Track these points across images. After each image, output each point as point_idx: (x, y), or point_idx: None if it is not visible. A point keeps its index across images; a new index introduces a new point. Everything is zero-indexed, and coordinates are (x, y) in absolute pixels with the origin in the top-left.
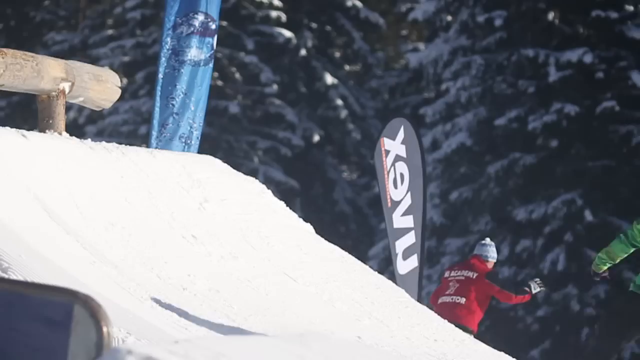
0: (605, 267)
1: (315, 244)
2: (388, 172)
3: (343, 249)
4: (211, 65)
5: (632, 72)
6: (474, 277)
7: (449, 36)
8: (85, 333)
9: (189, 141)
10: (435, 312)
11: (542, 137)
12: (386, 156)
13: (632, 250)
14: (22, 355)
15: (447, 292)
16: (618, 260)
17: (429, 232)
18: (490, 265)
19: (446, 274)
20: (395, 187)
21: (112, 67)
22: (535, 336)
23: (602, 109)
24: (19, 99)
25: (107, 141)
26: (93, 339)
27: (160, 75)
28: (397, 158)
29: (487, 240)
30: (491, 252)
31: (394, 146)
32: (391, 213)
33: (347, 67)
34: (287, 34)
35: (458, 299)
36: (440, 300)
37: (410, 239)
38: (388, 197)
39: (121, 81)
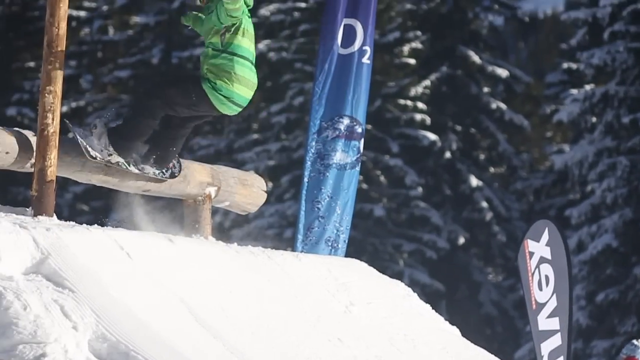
0: None
1: (462, 347)
2: (532, 274)
3: (489, 352)
4: (358, 168)
5: None
6: None
7: (594, 137)
8: None
9: (335, 244)
10: None
11: None
12: (530, 258)
13: None
14: None
15: None
16: None
17: (575, 334)
18: None
19: None
20: (540, 289)
21: (257, 171)
22: None
23: None
24: (164, 203)
25: (253, 245)
26: None
27: (306, 179)
28: (542, 260)
29: (637, 341)
30: None
31: (539, 248)
32: (536, 315)
33: (491, 169)
34: (432, 136)
35: None
36: None
37: (556, 341)
38: (533, 299)
39: (267, 185)
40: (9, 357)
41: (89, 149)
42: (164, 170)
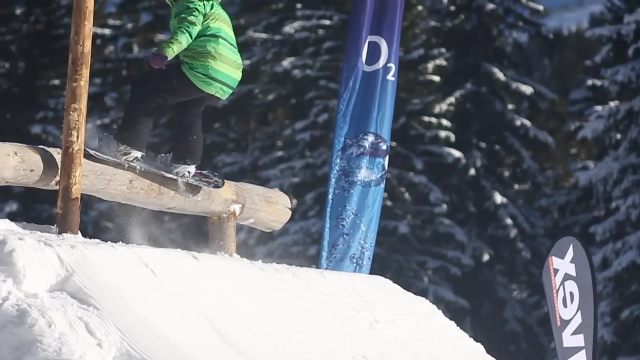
0: None
1: None
2: (557, 291)
3: None
4: (382, 185)
5: None
6: None
7: (618, 154)
8: None
9: (360, 262)
10: None
11: None
12: (555, 275)
13: None
14: None
15: None
16: None
17: (600, 351)
18: None
19: None
20: (565, 305)
21: (281, 189)
22: None
23: None
24: (189, 221)
25: (278, 262)
26: None
27: (330, 196)
28: (567, 277)
29: None
30: None
31: (563, 265)
32: (561, 332)
33: (516, 186)
34: (456, 153)
35: None
36: None
37: (581, 358)
38: (557, 315)
39: (291, 202)
40: None
41: (105, 155)
42: (210, 178)
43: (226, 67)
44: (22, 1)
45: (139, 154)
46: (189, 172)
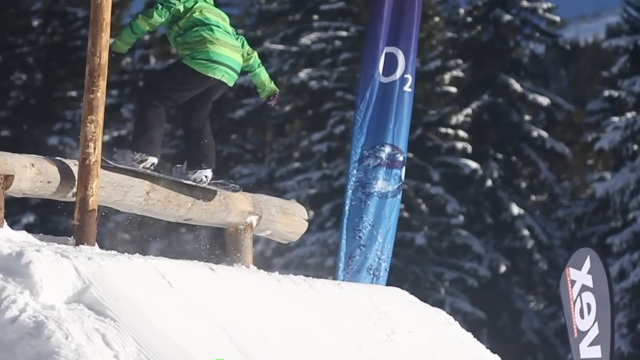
0: None
1: None
2: (574, 302)
3: None
4: (399, 197)
5: None
6: None
7: (635, 165)
8: None
9: (377, 273)
10: None
11: None
12: (572, 286)
13: None
14: None
15: None
16: None
17: None
18: None
19: None
20: (582, 317)
21: (298, 200)
22: None
23: None
24: (206, 232)
25: (294, 274)
26: None
27: (347, 207)
28: (584, 288)
29: None
30: None
31: (580, 276)
32: (578, 343)
33: (533, 197)
34: (473, 165)
35: None
36: None
37: None
38: (574, 327)
39: (308, 213)
40: None
41: (122, 165)
42: (227, 185)
43: (227, 50)
44: (39, 13)
45: (154, 159)
46: (206, 177)
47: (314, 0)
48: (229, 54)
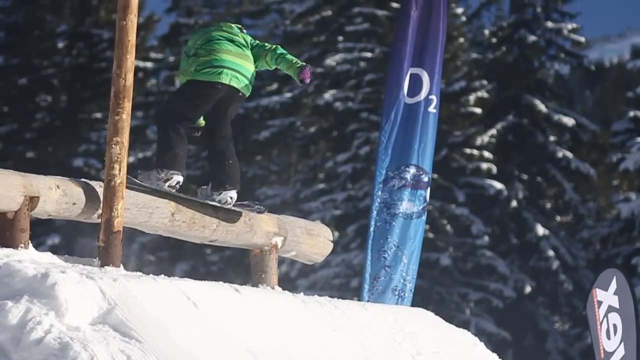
0: None
1: None
2: (601, 323)
3: None
4: (424, 217)
5: None
6: None
7: None
8: None
9: (402, 294)
10: None
11: None
12: (599, 307)
13: None
14: None
15: None
16: None
17: None
18: None
19: None
20: (608, 337)
21: (323, 221)
22: None
23: None
24: (231, 253)
25: (319, 294)
26: None
27: (372, 228)
28: (610, 309)
29: None
30: None
31: (607, 297)
32: None
33: (558, 218)
34: (498, 185)
35: None
36: None
37: None
38: (601, 348)
39: (333, 234)
40: None
41: (148, 185)
42: (252, 207)
43: (232, 57)
44: (64, 35)
45: (180, 177)
46: (231, 198)
47: (338, 22)
48: (235, 60)
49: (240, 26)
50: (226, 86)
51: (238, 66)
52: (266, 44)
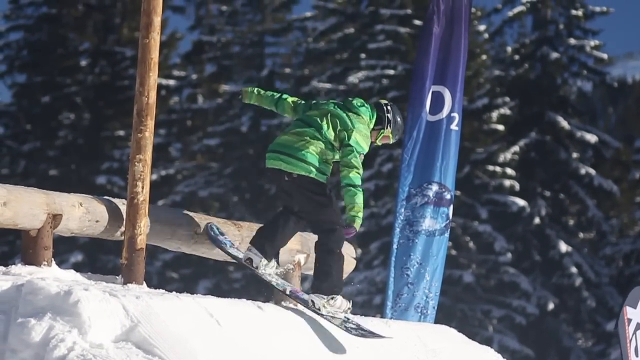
0: None
1: None
2: (630, 341)
3: None
4: (447, 235)
5: None
6: None
7: None
8: None
9: (424, 311)
10: None
11: None
12: (628, 325)
13: None
14: None
15: None
16: None
17: None
18: None
19: None
20: (637, 355)
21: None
22: None
23: None
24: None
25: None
26: None
27: (395, 246)
28: (638, 326)
29: None
30: None
31: (636, 314)
32: None
33: (581, 235)
34: (521, 202)
35: None
36: None
37: None
38: None
39: (356, 252)
40: None
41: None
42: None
43: (286, 137)
44: (87, 53)
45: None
46: (347, 309)
47: (361, 39)
48: (284, 141)
49: (360, 104)
50: (271, 169)
51: (284, 147)
52: (349, 160)
